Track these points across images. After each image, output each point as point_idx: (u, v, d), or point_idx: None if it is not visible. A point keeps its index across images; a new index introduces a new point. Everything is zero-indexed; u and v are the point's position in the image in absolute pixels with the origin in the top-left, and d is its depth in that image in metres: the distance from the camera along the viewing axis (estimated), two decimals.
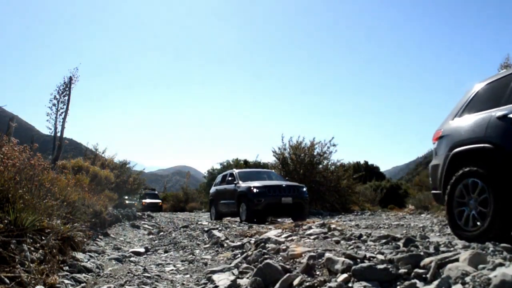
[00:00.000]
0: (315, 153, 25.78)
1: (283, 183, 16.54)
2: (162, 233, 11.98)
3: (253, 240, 7.32)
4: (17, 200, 5.15)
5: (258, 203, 14.96)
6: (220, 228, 10.69)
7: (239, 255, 6.55)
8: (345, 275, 3.68)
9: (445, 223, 10.27)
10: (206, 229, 10.80)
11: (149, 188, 39.97)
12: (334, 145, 26.04)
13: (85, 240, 7.00)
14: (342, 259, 3.96)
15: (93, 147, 25.31)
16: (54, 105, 15.83)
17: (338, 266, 3.89)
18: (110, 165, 22.29)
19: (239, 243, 7.73)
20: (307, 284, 3.92)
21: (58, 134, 15.68)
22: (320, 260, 4.30)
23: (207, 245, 8.62)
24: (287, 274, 4.23)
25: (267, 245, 6.23)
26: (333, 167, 26.25)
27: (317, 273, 4.12)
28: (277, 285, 4.15)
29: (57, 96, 15.95)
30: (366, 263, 3.68)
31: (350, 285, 3.53)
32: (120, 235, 11.02)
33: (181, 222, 16.13)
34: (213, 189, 19.83)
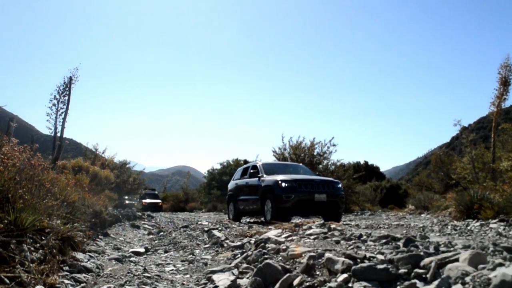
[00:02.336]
0: (315, 153, 25.81)
1: (315, 177, 14.28)
2: (162, 233, 11.97)
3: (253, 240, 7.32)
4: (17, 200, 5.15)
5: (287, 200, 12.84)
6: (220, 228, 10.69)
7: (239, 255, 6.55)
8: (345, 275, 3.67)
9: (445, 223, 10.26)
10: (206, 229, 10.80)
11: (149, 188, 39.80)
12: (334, 145, 26.11)
13: (85, 240, 7.00)
14: (342, 259, 3.96)
15: (93, 147, 25.30)
16: (54, 105, 15.84)
17: (338, 266, 3.89)
18: (110, 165, 22.23)
19: (239, 243, 7.73)
20: (307, 284, 3.92)
21: (58, 134, 15.68)
22: (320, 260, 4.30)
23: (207, 245, 8.62)
24: (287, 274, 4.23)
25: (267, 245, 6.23)
26: (333, 167, 26.29)
27: (317, 273, 4.12)
28: (277, 285, 4.14)
29: (57, 96, 15.95)
30: (366, 263, 3.67)
31: (350, 285, 3.52)
32: (120, 235, 11.01)
33: (181, 222, 16.12)
34: (231, 184, 17.59)
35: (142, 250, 8.21)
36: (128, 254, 7.62)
